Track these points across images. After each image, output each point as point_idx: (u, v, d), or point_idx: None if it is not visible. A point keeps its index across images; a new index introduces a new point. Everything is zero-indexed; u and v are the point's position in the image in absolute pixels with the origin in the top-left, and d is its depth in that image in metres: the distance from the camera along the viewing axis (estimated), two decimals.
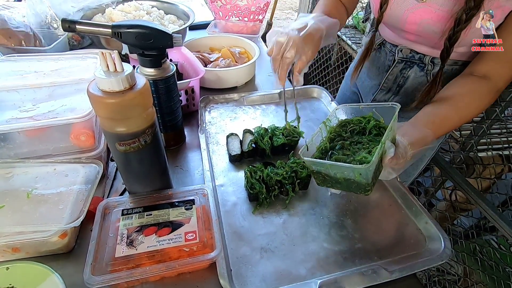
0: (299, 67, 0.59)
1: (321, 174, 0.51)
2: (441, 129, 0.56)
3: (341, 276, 0.48)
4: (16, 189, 0.50)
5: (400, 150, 0.48)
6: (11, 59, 0.68)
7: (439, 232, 0.54)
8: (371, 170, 0.45)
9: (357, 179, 0.46)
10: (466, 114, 0.58)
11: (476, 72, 0.59)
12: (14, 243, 0.45)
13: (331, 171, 0.48)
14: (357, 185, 0.48)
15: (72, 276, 0.46)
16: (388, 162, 0.47)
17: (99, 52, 0.40)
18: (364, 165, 0.43)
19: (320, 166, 0.50)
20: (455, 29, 0.54)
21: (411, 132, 0.52)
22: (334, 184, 0.51)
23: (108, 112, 0.42)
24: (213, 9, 1.26)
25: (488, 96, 0.58)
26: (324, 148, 0.54)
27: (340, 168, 0.47)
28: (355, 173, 0.45)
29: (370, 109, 0.56)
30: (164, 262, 0.44)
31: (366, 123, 0.55)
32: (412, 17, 0.62)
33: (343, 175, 0.47)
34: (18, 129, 0.52)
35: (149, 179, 0.53)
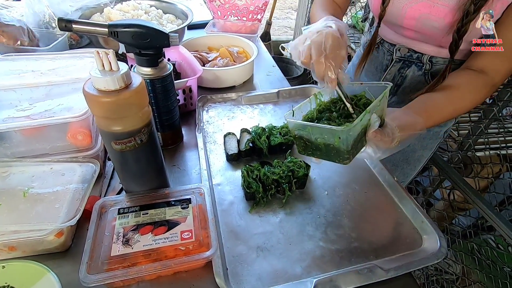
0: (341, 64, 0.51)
1: (303, 139, 0.50)
2: (433, 118, 0.56)
3: (337, 274, 0.48)
4: (12, 188, 0.50)
5: (388, 130, 0.47)
6: (9, 58, 0.68)
7: (435, 231, 0.54)
8: (351, 136, 0.44)
9: (336, 145, 0.45)
10: (460, 106, 0.58)
11: (473, 66, 0.59)
12: (10, 242, 0.45)
13: (312, 136, 0.48)
14: (337, 152, 0.47)
15: (69, 275, 0.47)
16: (372, 136, 0.46)
17: (94, 51, 0.40)
18: (343, 127, 0.42)
19: (302, 129, 0.49)
20: (464, 21, 0.54)
21: (402, 117, 0.51)
22: (314, 151, 0.50)
23: (103, 111, 0.42)
24: (212, 9, 1.26)
25: (484, 89, 0.58)
26: (310, 117, 0.53)
27: (321, 131, 0.46)
28: (335, 137, 0.45)
29: (363, 88, 0.54)
30: (160, 261, 0.44)
31: (357, 100, 0.54)
32: (411, 12, 0.62)
33: (323, 139, 0.47)
34: (15, 128, 0.52)
35: (145, 178, 0.53)
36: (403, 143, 0.49)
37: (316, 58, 0.49)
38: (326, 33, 0.50)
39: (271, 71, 1.05)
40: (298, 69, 2.14)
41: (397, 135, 0.48)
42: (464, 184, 0.95)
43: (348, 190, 0.63)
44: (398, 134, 0.48)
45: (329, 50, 0.49)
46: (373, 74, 0.80)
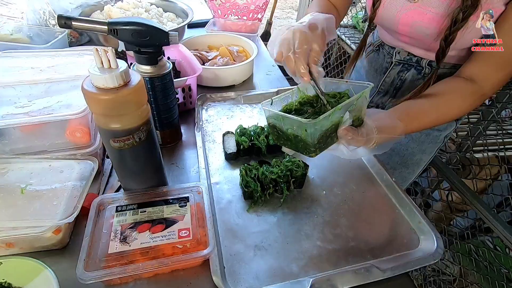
0: (314, 58, 0.51)
1: (276, 128, 0.51)
2: (415, 123, 0.56)
3: (334, 274, 0.48)
4: (10, 184, 0.50)
5: (363, 129, 0.47)
6: (8, 55, 0.68)
7: (432, 232, 0.54)
8: (317, 130, 0.44)
9: (303, 137, 0.46)
10: (445, 112, 0.58)
11: (463, 74, 0.59)
12: (8, 238, 0.45)
13: (284, 126, 0.49)
14: (304, 144, 0.47)
15: (66, 271, 0.47)
16: (342, 133, 0.46)
17: (93, 48, 0.40)
18: (309, 119, 0.43)
19: (275, 119, 0.50)
20: (452, 29, 0.54)
21: (383, 119, 0.51)
22: (285, 141, 0.51)
23: (102, 109, 0.42)
24: (212, 8, 1.26)
25: (471, 97, 0.57)
26: (289, 108, 0.54)
27: (291, 122, 0.47)
28: (302, 129, 0.45)
29: (348, 86, 0.54)
30: (157, 258, 0.44)
31: (339, 98, 0.53)
32: (404, 19, 0.62)
33: (293, 131, 0.48)
34: (14, 125, 0.52)
35: (143, 176, 0.53)
36: (383, 146, 0.49)
37: (285, 54, 0.50)
38: (294, 29, 0.50)
39: (271, 70, 1.05)
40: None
41: (373, 136, 0.48)
42: (462, 186, 0.95)
43: (346, 190, 0.63)
44: (376, 135, 0.48)
45: (298, 45, 0.49)
46: (373, 77, 0.80)
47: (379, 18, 0.67)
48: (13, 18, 1.05)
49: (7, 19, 1.04)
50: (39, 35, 0.98)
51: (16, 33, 0.96)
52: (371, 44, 0.79)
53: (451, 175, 0.98)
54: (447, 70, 0.66)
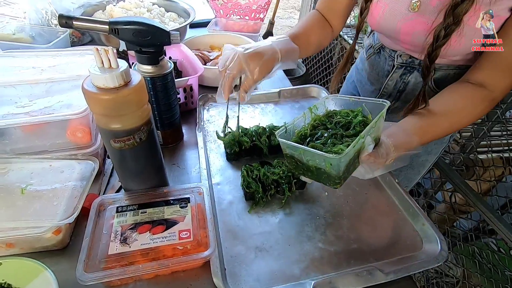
0: (245, 85, 0.57)
1: (294, 159, 0.49)
2: (429, 135, 0.55)
3: (336, 276, 0.47)
4: (11, 184, 0.50)
5: (382, 150, 0.47)
6: (10, 55, 0.68)
7: (436, 234, 0.53)
8: (343, 162, 0.43)
9: (327, 170, 0.45)
10: (457, 121, 0.57)
11: (472, 80, 0.57)
12: (8, 238, 0.45)
13: (304, 158, 0.47)
14: (327, 176, 0.46)
15: (66, 272, 0.46)
16: (365, 159, 0.46)
17: (93, 48, 0.39)
18: (335, 155, 0.42)
19: (293, 150, 0.48)
20: (434, 46, 0.52)
21: (397, 135, 0.51)
22: (305, 172, 0.50)
23: (102, 109, 0.42)
24: (214, 7, 1.25)
25: (482, 104, 0.56)
26: (304, 134, 0.53)
27: (312, 155, 0.45)
28: (326, 163, 0.44)
29: (360, 104, 0.54)
30: (157, 260, 0.44)
31: (353, 117, 0.53)
32: (405, 28, 0.61)
33: (314, 163, 0.46)
34: (14, 125, 0.52)
35: (144, 176, 0.53)
36: (398, 162, 0.49)
37: (219, 69, 0.58)
38: (234, 52, 0.57)
39: None
40: (300, 69, 2.14)
41: (391, 155, 0.47)
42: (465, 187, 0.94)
43: (348, 191, 0.63)
44: (393, 155, 0.47)
45: (230, 67, 0.56)
46: (376, 80, 0.79)
47: (378, 27, 0.67)
48: (15, 18, 1.06)
49: (10, 18, 1.05)
50: (41, 35, 0.98)
51: (19, 33, 0.96)
52: (372, 46, 0.79)
53: (455, 176, 0.97)
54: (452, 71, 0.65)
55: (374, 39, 0.80)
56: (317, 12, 0.76)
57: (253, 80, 0.57)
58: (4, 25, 0.98)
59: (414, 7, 0.58)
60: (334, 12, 0.74)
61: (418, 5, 0.58)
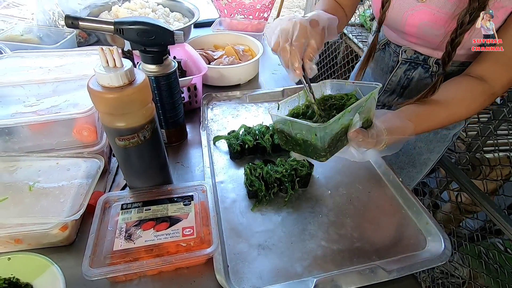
0: (310, 54, 0.50)
1: (284, 133, 0.51)
2: (425, 123, 0.55)
3: (338, 274, 0.48)
4: (19, 182, 0.51)
5: (373, 131, 0.46)
6: (18, 55, 0.69)
7: (439, 233, 0.53)
8: (327, 133, 0.44)
9: (313, 141, 0.45)
10: (454, 112, 0.56)
11: (473, 73, 0.57)
12: (16, 234, 0.46)
13: (292, 131, 0.48)
14: (314, 149, 0.47)
15: (72, 268, 0.47)
16: (353, 136, 0.46)
17: (98, 48, 0.40)
18: (319, 124, 0.42)
19: (283, 124, 0.50)
20: (458, 32, 0.52)
21: (392, 120, 0.51)
22: (294, 146, 0.51)
23: (107, 107, 0.43)
24: (218, 7, 1.26)
25: (481, 97, 0.56)
26: (296, 112, 0.53)
27: (300, 126, 0.46)
28: (311, 134, 0.45)
29: (354, 87, 0.54)
30: (161, 256, 0.45)
31: (347, 99, 0.53)
32: (411, 19, 0.61)
33: (302, 135, 0.47)
34: (23, 124, 0.53)
35: (148, 174, 0.54)
36: (392, 147, 0.49)
37: (282, 45, 0.48)
38: (295, 21, 0.49)
39: (276, 69, 1.05)
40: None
41: (383, 137, 0.47)
42: (471, 186, 0.93)
43: (352, 190, 0.63)
44: (385, 137, 0.47)
45: (296, 37, 0.48)
46: (380, 76, 0.79)
47: (385, 19, 0.66)
48: (23, 19, 1.08)
49: (18, 20, 1.07)
50: (48, 36, 0.99)
51: (27, 34, 0.98)
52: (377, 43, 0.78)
53: (460, 175, 0.96)
54: (456, 68, 0.65)
55: (380, 36, 0.80)
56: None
57: (317, 47, 0.50)
58: (12, 26, 1.00)
59: None
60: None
61: None
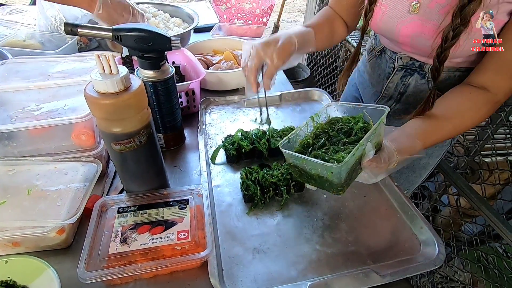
0: (267, 72, 0.59)
1: (298, 168, 0.51)
2: (432, 139, 0.55)
3: (332, 278, 0.48)
4: (18, 185, 0.52)
5: (384, 155, 0.47)
6: (19, 61, 0.70)
7: (433, 237, 0.53)
8: (344, 170, 0.44)
9: (329, 178, 0.46)
10: (460, 124, 0.57)
11: (474, 83, 0.57)
12: (14, 237, 0.47)
13: (307, 166, 0.48)
14: (330, 184, 0.47)
15: (69, 271, 0.48)
16: (367, 165, 0.46)
17: (94, 55, 0.41)
18: (335, 164, 0.43)
19: (296, 160, 0.50)
20: (443, 47, 0.52)
21: (400, 139, 0.51)
22: (309, 180, 0.51)
23: (103, 113, 0.44)
24: (218, 12, 1.27)
25: (485, 107, 0.56)
26: (306, 143, 0.54)
27: (314, 164, 0.47)
28: (327, 172, 0.45)
29: (361, 110, 0.54)
30: (156, 259, 0.45)
31: (355, 123, 0.54)
32: (404, 30, 0.61)
33: (317, 171, 0.47)
34: (22, 128, 0.54)
35: (145, 178, 0.55)
36: (401, 164, 0.49)
37: (241, 64, 0.60)
38: (251, 44, 0.59)
39: None
40: (304, 72, 2.14)
41: (394, 159, 0.47)
42: (469, 191, 0.93)
43: (347, 194, 0.63)
44: (396, 159, 0.47)
45: (251, 58, 0.57)
46: (377, 82, 0.79)
47: (378, 29, 0.67)
48: (26, 25, 1.10)
49: (21, 25, 1.09)
50: (50, 41, 1.01)
51: (29, 39, 0.99)
52: (373, 49, 0.79)
53: (459, 179, 0.96)
54: (452, 73, 0.65)
55: (376, 42, 0.80)
56: (329, 8, 0.78)
57: (274, 66, 0.58)
58: (15, 32, 1.01)
59: (414, 9, 0.59)
60: (344, 7, 0.75)
61: (418, 7, 0.58)
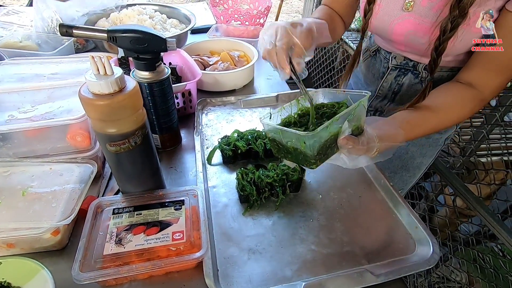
0: (296, 52, 0.52)
1: (276, 141, 0.51)
2: (416, 130, 0.56)
3: (326, 278, 0.48)
4: (12, 187, 0.52)
5: (363, 138, 0.47)
6: (14, 62, 0.70)
7: (428, 237, 0.53)
8: (316, 141, 0.45)
9: (303, 149, 0.46)
10: (445, 118, 0.58)
11: (462, 80, 0.59)
12: (9, 238, 0.47)
13: (283, 139, 0.49)
14: (304, 156, 0.48)
15: (64, 272, 0.48)
16: (343, 142, 0.46)
17: (89, 56, 0.41)
18: (307, 132, 0.43)
19: (274, 132, 0.51)
20: (441, 39, 0.53)
21: (383, 127, 0.52)
22: (286, 154, 0.52)
23: (98, 114, 0.44)
24: (215, 13, 1.27)
25: (471, 103, 0.57)
26: (288, 121, 0.54)
27: (290, 135, 0.47)
28: (300, 142, 0.46)
29: (346, 96, 0.54)
30: (151, 260, 0.45)
31: (338, 108, 0.54)
32: (398, 29, 0.62)
33: (292, 143, 0.48)
34: (17, 130, 0.54)
35: (140, 179, 0.55)
36: (384, 154, 0.49)
37: (269, 48, 0.51)
38: (276, 25, 0.52)
39: (271, 75, 1.06)
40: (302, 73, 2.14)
41: (375, 144, 0.48)
42: (465, 191, 0.93)
43: (343, 194, 0.63)
44: (377, 144, 0.48)
45: (278, 38, 0.50)
46: (371, 81, 0.80)
47: (372, 28, 0.68)
48: (22, 26, 1.10)
49: (17, 27, 1.09)
50: (47, 42, 1.01)
51: (25, 41, 0.99)
52: (368, 49, 0.80)
53: (454, 179, 0.96)
54: (445, 73, 0.66)
55: (371, 42, 0.81)
56: (325, 6, 0.77)
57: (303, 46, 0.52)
58: (12, 33, 1.01)
59: (407, 6, 0.59)
60: (341, 5, 0.75)
61: (411, 4, 0.59)
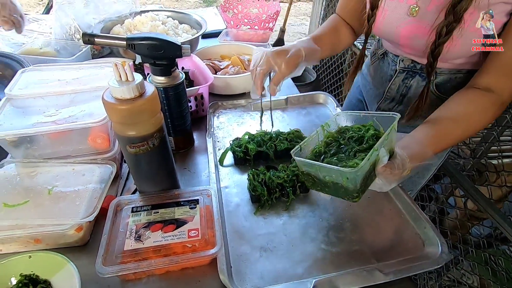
0: (275, 79, 0.64)
1: (311, 176, 0.50)
2: (442, 144, 0.56)
3: (336, 276, 0.49)
4: (39, 186, 0.56)
5: (397, 162, 0.47)
6: (38, 69, 0.74)
7: (436, 237, 0.54)
8: (359, 176, 0.44)
9: (344, 184, 0.45)
10: (468, 128, 0.57)
11: (478, 85, 0.58)
12: (36, 234, 0.50)
13: (320, 174, 0.48)
14: (345, 191, 0.47)
15: (86, 266, 0.51)
16: (381, 171, 0.46)
17: (112, 63, 0.44)
18: (351, 168, 0.43)
19: (309, 167, 0.49)
20: (437, 43, 0.54)
21: (411, 146, 0.51)
22: (323, 188, 0.51)
23: (120, 117, 0.47)
24: (225, 18, 1.31)
25: (492, 109, 0.56)
26: (318, 151, 0.54)
27: (329, 170, 0.46)
28: (342, 177, 0.45)
29: (370, 118, 0.55)
30: (168, 256, 0.48)
31: (365, 131, 0.54)
32: (404, 33, 0.63)
33: (331, 178, 0.47)
34: (42, 132, 0.58)
35: (157, 179, 0.57)
36: (412, 172, 0.49)
37: (250, 68, 0.65)
38: (262, 51, 0.64)
39: None
40: (311, 75, 2.16)
41: (407, 166, 0.47)
42: (476, 193, 0.93)
43: None
44: (409, 166, 0.47)
45: (261, 64, 0.62)
46: (379, 84, 0.81)
47: (379, 32, 0.69)
48: (42, 33, 1.15)
49: (38, 34, 1.14)
50: (65, 48, 1.06)
51: (45, 47, 1.04)
52: (376, 53, 0.81)
53: (465, 181, 0.96)
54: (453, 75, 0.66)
55: (379, 45, 0.82)
56: (336, 15, 0.81)
57: (281, 74, 0.63)
58: (32, 40, 1.06)
59: (413, 11, 0.61)
60: (351, 13, 0.78)
61: (417, 10, 0.60)
